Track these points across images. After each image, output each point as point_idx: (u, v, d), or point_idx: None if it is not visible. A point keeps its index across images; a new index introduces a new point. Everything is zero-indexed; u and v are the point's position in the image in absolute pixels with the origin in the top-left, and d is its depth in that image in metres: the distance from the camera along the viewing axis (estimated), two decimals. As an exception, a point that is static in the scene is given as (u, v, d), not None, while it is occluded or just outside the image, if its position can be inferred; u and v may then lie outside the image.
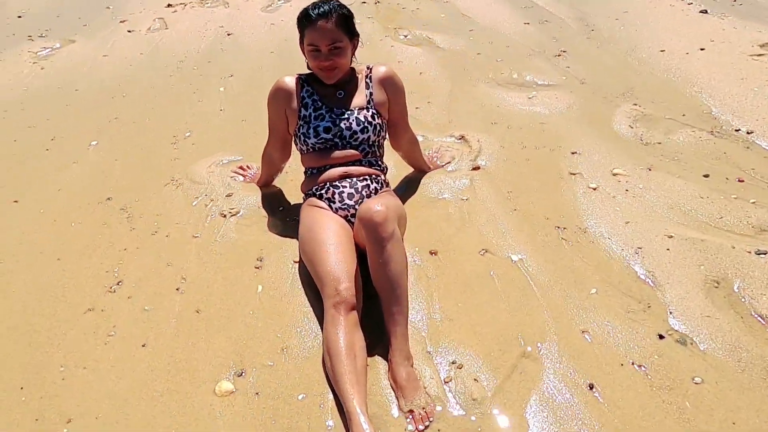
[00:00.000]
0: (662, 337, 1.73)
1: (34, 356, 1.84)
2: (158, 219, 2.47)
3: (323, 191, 2.11)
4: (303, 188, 2.24)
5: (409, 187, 2.53)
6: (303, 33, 2.05)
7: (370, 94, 2.16)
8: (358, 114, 2.12)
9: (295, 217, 2.25)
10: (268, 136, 2.32)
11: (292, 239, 2.22)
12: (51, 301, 2.06)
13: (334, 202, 2.08)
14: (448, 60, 4.06)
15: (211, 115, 3.48)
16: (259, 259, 2.16)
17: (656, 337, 1.73)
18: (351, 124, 2.10)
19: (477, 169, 2.63)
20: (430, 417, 1.53)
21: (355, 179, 2.10)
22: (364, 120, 2.11)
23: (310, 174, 2.19)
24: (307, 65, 2.12)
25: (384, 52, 4.26)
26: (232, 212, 2.43)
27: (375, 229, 1.71)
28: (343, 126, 2.10)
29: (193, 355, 1.80)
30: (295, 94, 2.15)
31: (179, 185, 2.71)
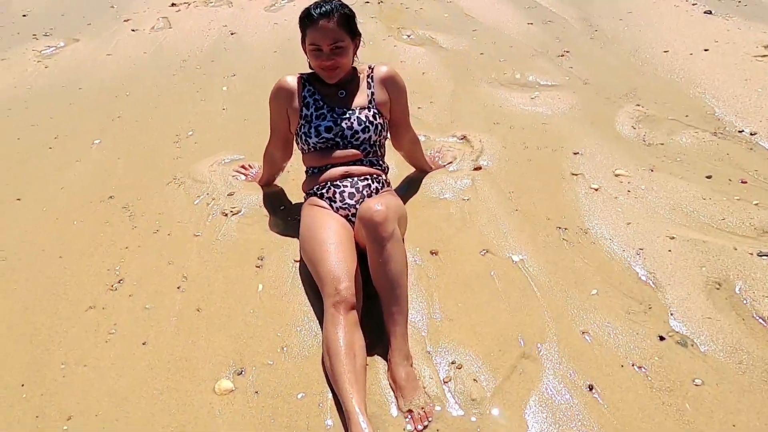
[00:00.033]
0: (663, 338, 1.73)
1: (35, 354, 1.85)
2: (160, 217, 2.48)
3: (324, 191, 2.11)
4: (304, 187, 2.24)
5: (410, 187, 2.53)
6: (305, 32, 2.05)
7: (372, 93, 2.16)
8: (360, 113, 2.12)
9: (297, 217, 2.25)
10: (270, 136, 2.32)
11: (293, 238, 2.22)
12: (52, 298, 2.07)
13: (335, 202, 2.08)
14: (450, 60, 4.05)
15: (214, 114, 3.48)
16: (260, 258, 2.17)
17: (657, 339, 1.73)
18: (352, 123, 2.10)
19: (479, 169, 2.63)
20: (429, 417, 1.53)
21: (356, 179, 2.10)
22: (366, 119, 2.11)
23: (311, 173, 2.19)
24: (308, 65, 2.13)
25: (387, 52, 4.26)
26: (234, 211, 2.44)
27: (375, 228, 1.71)
28: (345, 125, 2.10)
29: (193, 354, 1.80)
30: (297, 94, 2.15)
31: (181, 184, 2.71)
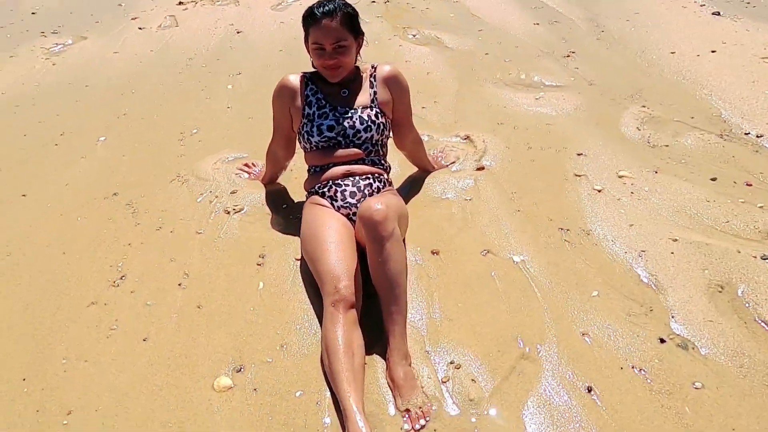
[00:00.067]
0: (663, 341, 1.72)
1: (36, 348, 1.86)
2: (163, 215, 2.49)
3: (326, 189, 2.11)
4: (306, 186, 2.24)
5: (412, 187, 2.53)
6: (308, 31, 2.05)
7: (374, 93, 2.16)
8: (362, 113, 2.12)
9: (299, 215, 2.25)
10: (273, 134, 2.33)
11: (295, 237, 2.22)
12: (55, 294, 2.08)
13: (337, 201, 2.08)
14: (456, 60, 4.05)
15: (219, 113, 3.50)
16: (261, 256, 2.17)
17: (657, 341, 1.72)
18: (354, 122, 2.10)
19: (481, 169, 2.62)
20: (427, 416, 1.53)
21: (357, 178, 2.10)
22: (368, 119, 2.11)
23: (313, 172, 2.20)
24: (311, 63, 2.13)
25: (392, 52, 4.26)
26: (236, 209, 2.44)
27: (374, 227, 1.71)
28: (347, 125, 2.10)
29: (193, 351, 1.81)
30: (300, 92, 2.15)
31: (185, 181, 2.73)
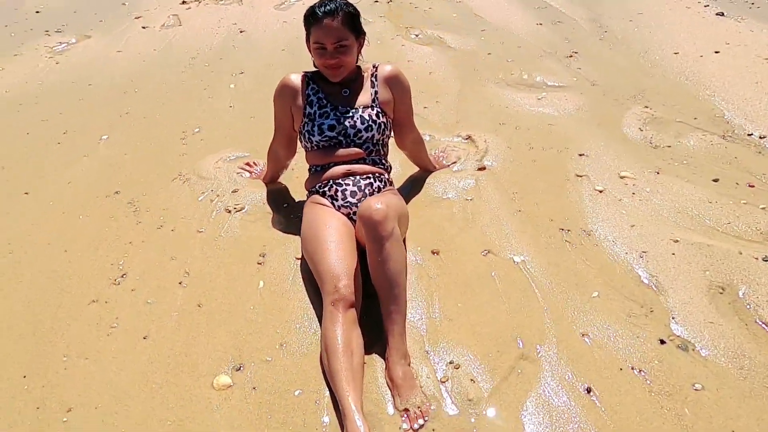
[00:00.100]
0: (663, 342, 1.71)
1: (37, 346, 1.87)
2: (164, 213, 2.50)
3: (326, 189, 2.11)
4: (307, 185, 2.25)
5: (413, 186, 2.53)
6: (309, 31, 2.06)
7: (375, 92, 2.16)
8: (363, 112, 2.12)
9: (299, 214, 2.25)
10: (274, 133, 2.33)
11: (296, 236, 2.23)
12: (56, 292, 2.09)
13: (337, 200, 2.08)
14: (458, 60, 4.04)
15: (221, 112, 3.50)
16: (262, 255, 2.18)
17: (657, 342, 1.71)
18: (355, 122, 2.10)
19: (483, 169, 2.62)
20: (425, 416, 1.53)
21: (358, 177, 2.10)
22: (369, 118, 2.11)
23: (314, 171, 2.20)
24: (313, 63, 2.13)
25: (395, 51, 4.26)
26: (237, 208, 2.45)
27: (374, 227, 1.71)
28: (348, 124, 2.10)
29: (193, 349, 1.81)
30: (301, 92, 2.15)
31: (186, 180, 2.73)
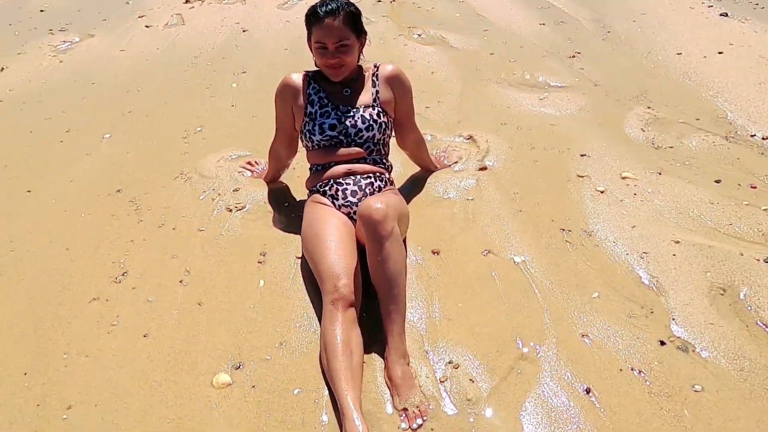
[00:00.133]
0: (663, 343, 1.71)
1: (38, 343, 1.87)
2: (166, 212, 2.50)
3: (327, 188, 2.12)
4: (307, 185, 2.25)
5: (414, 186, 2.53)
6: (311, 30, 2.06)
7: (377, 92, 2.16)
8: (364, 112, 2.12)
9: (300, 214, 2.25)
10: (275, 132, 2.33)
11: (296, 235, 2.23)
12: (57, 289, 2.10)
13: (338, 199, 2.08)
14: (460, 60, 4.04)
15: (223, 111, 3.51)
16: (263, 254, 2.18)
17: (657, 343, 1.71)
18: (356, 121, 2.10)
19: (484, 169, 2.62)
20: (424, 415, 1.53)
21: (359, 177, 2.10)
22: (370, 118, 2.11)
23: (315, 171, 2.20)
24: (314, 62, 2.13)
25: (397, 51, 4.26)
26: (238, 207, 2.45)
27: (374, 226, 1.71)
28: (349, 124, 2.10)
29: (193, 347, 1.82)
30: (302, 91, 2.15)
31: (188, 179, 2.74)
